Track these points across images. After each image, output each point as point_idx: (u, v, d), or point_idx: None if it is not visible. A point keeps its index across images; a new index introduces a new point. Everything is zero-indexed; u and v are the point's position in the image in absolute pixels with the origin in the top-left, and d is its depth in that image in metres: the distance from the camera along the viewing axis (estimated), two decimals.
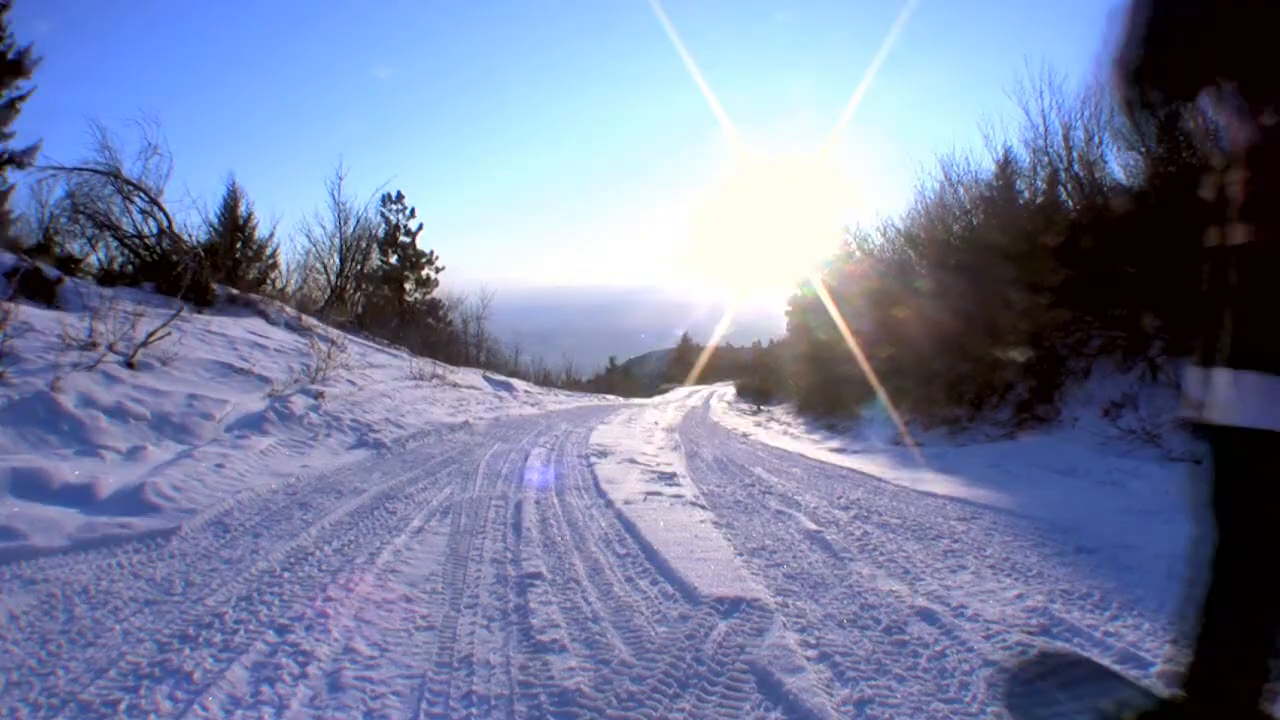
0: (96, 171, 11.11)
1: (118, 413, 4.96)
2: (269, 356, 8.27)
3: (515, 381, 14.40)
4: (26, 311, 6.31)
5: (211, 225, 15.96)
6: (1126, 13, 1.13)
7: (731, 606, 2.46)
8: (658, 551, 3.10)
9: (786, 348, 18.06)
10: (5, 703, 1.75)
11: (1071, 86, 8.36)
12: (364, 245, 20.16)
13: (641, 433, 8.24)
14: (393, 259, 23.46)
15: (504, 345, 23.80)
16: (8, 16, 11.31)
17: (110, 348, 6.04)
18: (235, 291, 11.65)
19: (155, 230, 11.49)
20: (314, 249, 19.06)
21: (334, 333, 11.91)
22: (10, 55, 11.34)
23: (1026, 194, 8.95)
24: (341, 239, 19.05)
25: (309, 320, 12.09)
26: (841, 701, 1.85)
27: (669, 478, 5.00)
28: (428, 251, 24.07)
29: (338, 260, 18.98)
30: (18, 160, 11.57)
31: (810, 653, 2.13)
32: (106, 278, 10.48)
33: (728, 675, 1.98)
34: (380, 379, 9.14)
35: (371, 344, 13.35)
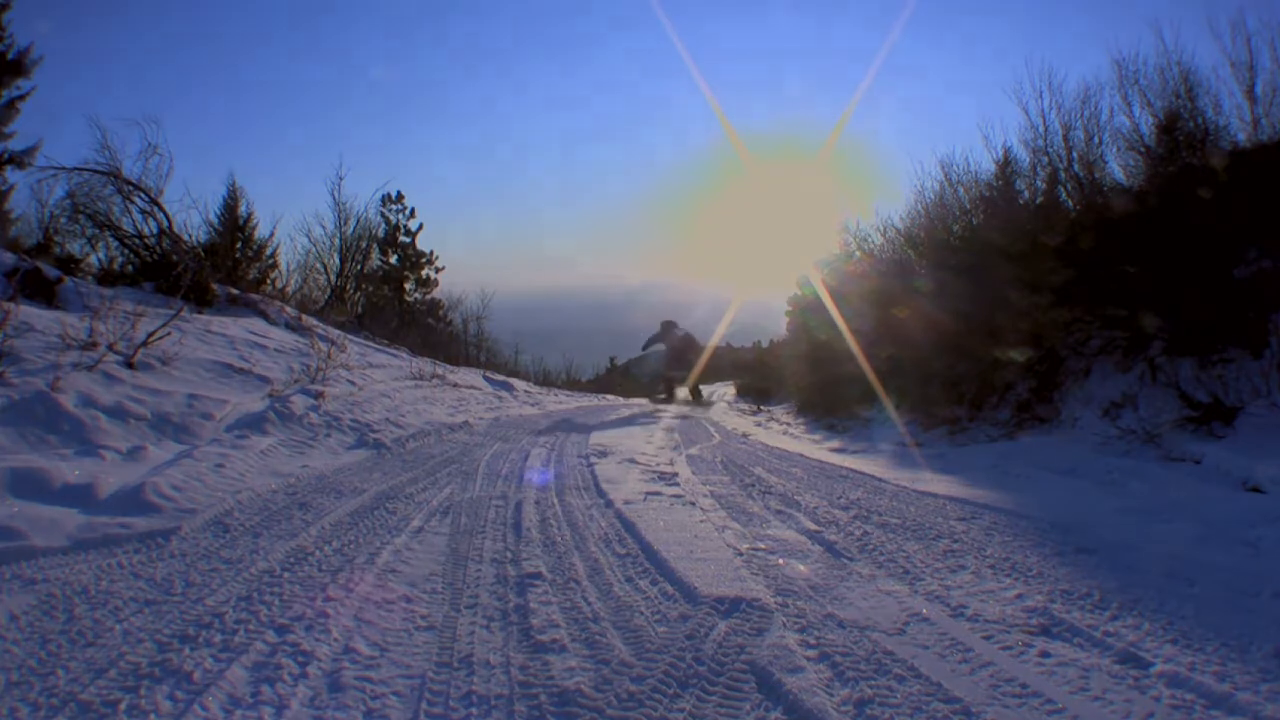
0: (96, 171, 11.06)
1: (118, 413, 4.96)
2: (269, 356, 8.26)
3: (515, 381, 14.36)
4: (26, 311, 6.30)
5: (211, 225, 15.93)
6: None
7: (731, 606, 2.47)
8: (657, 551, 3.10)
9: (786, 348, 18.01)
10: (5, 703, 1.76)
11: (1071, 87, 8.39)
12: (364, 245, 20.11)
13: (641, 432, 8.23)
14: (393, 259, 23.44)
15: (504, 345, 23.74)
16: (8, 16, 11.30)
17: (110, 348, 6.04)
18: (235, 291, 11.62)
19: (155, 230, 11.46)
20: (314, 249, 19.00)
21: (334, 333, 11.88)
22: (10, 55, 11.34)
23: (1026, 194, 8.94)
24: (341, 239, 19.02)
25: (309, 320, 12.05)
26: (841, 701, 1.85)
27: (669, 478, 4.99)
28: (428, 251, 24.05)
29: (338, 260, 18.95)
30: (18, 160, 11.56)
31: (810, 652, 2.13)
32: (106, 278, 10.45)
33: (728, 675, 1.98)
34: (380, 379, 9.13)
35: (371, 344, 13.32)
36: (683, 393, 12.88)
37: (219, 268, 12.35)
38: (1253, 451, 4.38)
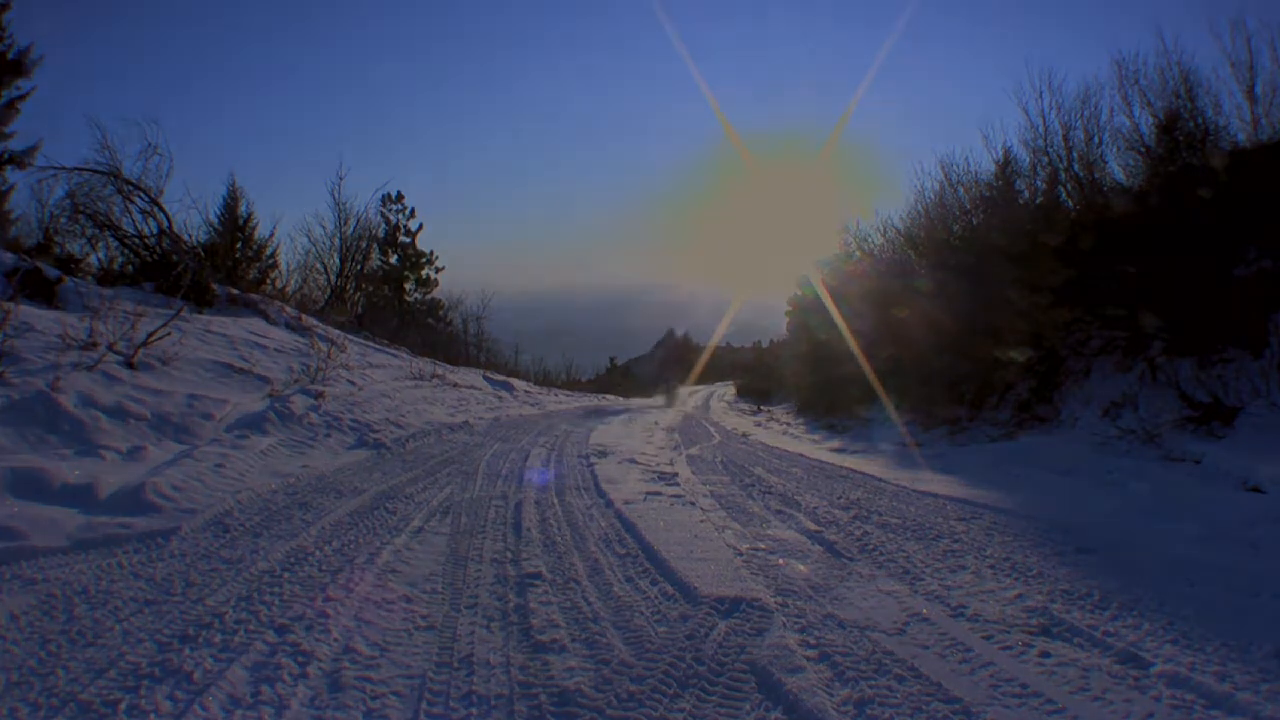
0: (96, 171, 11.07)
1: (118, 413, 4.96)
2: (269, 356, 8.26)
3: (515, 381, 14.37)
4: (26, 311, 6.30)
5: (211, 225, 15.93)
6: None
7: (732, 606, 2.47)
8: (657, 551, 3.10)
9: (786, 348, 18.07)
10: (5, 703, 1.75)
11: (1071, 87, 8.39)
12: (364, 245, 20.13)
13: (641, 432, 8.24)
14: (393, 259, 23.44)
15: (504, 345, 23.76)
16: (8, 16, 11.29)
17: (110, 348, 6.03)
18: (235, 291, 11.61)
19: (155, 230, 11.46)
20: (314, 249, 19.02)
21: (334, 333, 11.88)
22: (10, 55, 11.32)
23: (1026, 194, 8.95)
24: (341, 239, 19.04)
25: (309, 320, 12.05)
26: (841, 701, 1.85)
27: (669, 478, 5.00)
28: (428, 251, 24.05)
29: (338, 260, 18.97)
30: (18, 160, 11.54)
31: (810, 652, 2.13)
32: (106, 278, 10.44)
33: (728, 675, 1.98)
34: (380, 379, 9.13)
35: (371, 344, 13.33)
36: (681, 393, 17.71)
37: (219, 268, 12.35)
38: (1253, 451, 4.39)
